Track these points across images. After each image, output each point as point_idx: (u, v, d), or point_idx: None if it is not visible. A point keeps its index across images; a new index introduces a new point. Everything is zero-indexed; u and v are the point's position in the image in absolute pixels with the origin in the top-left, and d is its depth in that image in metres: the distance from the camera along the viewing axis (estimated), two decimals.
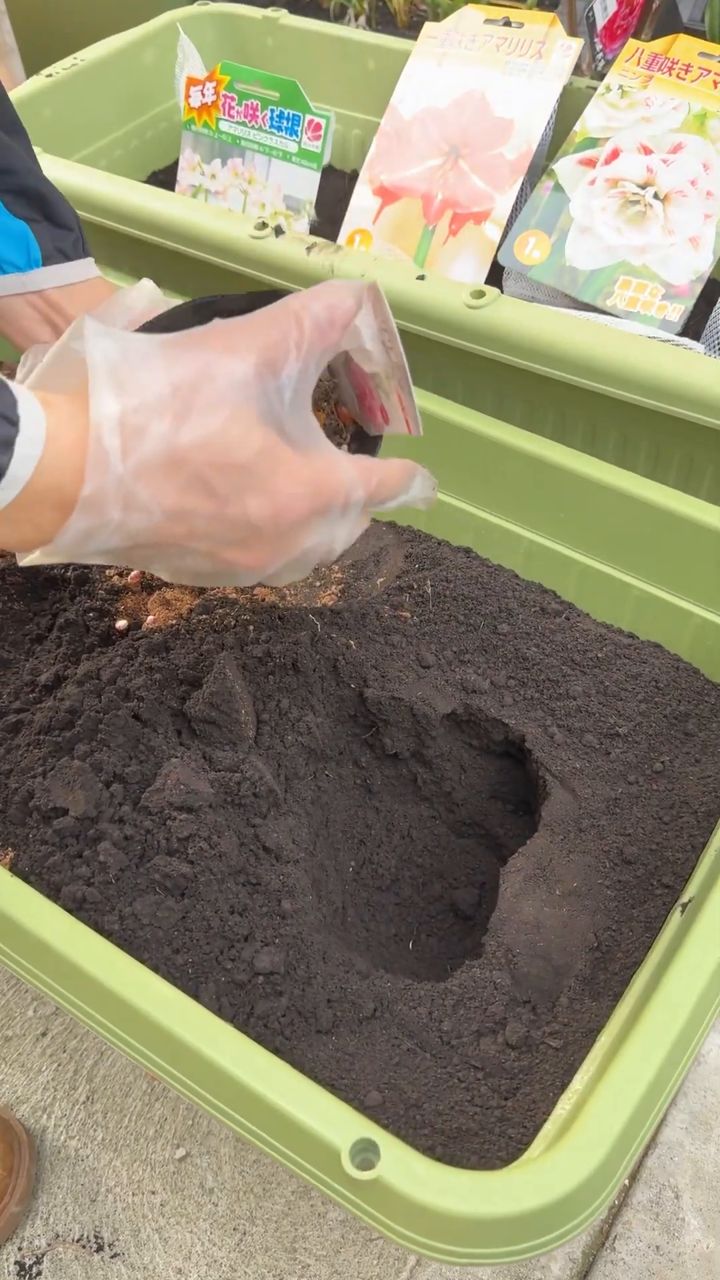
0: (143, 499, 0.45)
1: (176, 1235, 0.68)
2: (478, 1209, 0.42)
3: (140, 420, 0.44)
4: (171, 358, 0.45)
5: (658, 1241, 0.67)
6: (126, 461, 0.44)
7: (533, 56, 1.00)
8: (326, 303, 0.49)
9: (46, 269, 0.63)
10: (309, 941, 0.60)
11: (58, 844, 0.62)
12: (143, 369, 0.44)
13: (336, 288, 0.50)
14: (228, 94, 1.00)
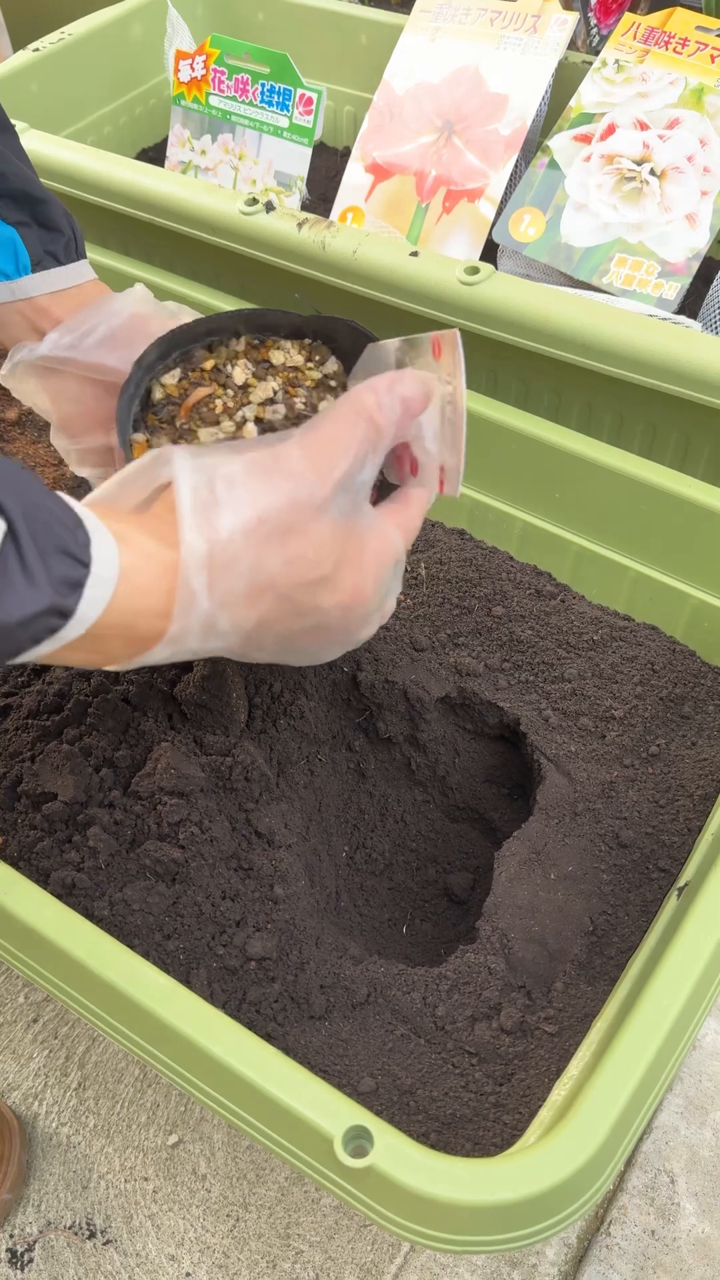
0: (224, 626, 0.46)
1: (169, 1222, 0.67)
2: (472, 1196, 0.42)
3: (228, 556, 0.45)
4: (257, 487, 0.46)
5: (653, 1226, 0.67)
6: (212, 598, 0.45)
7: (527, 31, 0.98)
8: (403, 398, 0.50)
9: (36, 275, 0.61)
10: (302, 927, 0.59)
11: (47, 829, 0.61)
12: (229, 502, 0.45)
13: (411, 380, 0.51)
14: (218, 68, 0.99)
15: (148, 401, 0.58)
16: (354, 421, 0.49)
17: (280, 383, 0.58)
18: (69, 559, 0.40)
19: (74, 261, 0.62)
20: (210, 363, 0.58)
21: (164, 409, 0.57)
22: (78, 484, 0.85)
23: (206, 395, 0.57)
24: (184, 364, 0.58)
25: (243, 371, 0.58)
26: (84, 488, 0.85)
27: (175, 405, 0.57)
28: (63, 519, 0.40)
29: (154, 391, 0.58)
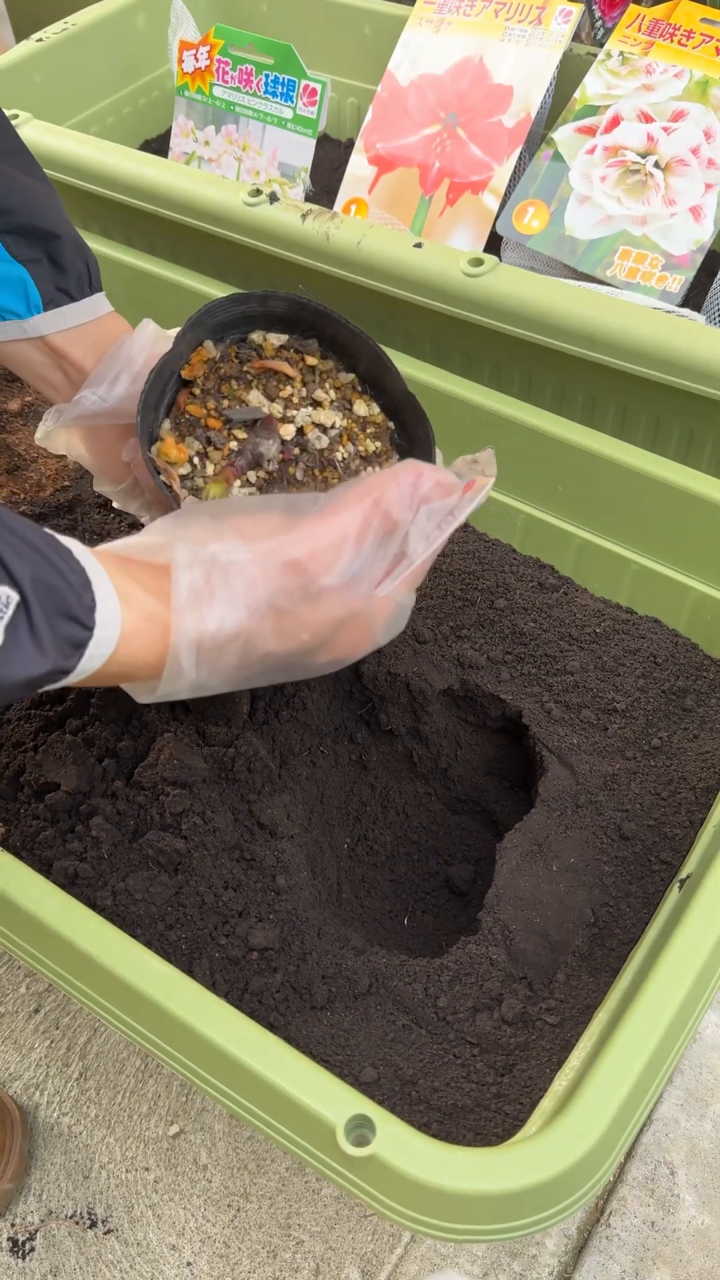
0: (213, 685, 0.50)
1: (170, 1212, 0.67)
2: (473, 1185, 0.42)
3: (217, 643, 0.48)
4: (255, 577, 0.48)
5: (653, 1218, 0.67)
6: (200, 671, 0.48)
7: (531, 22, 0.98)
8: (425, 502, 0.52)
9: (48, 314, 0.60)
10: (304, 917, 0.59)
11: (49, 819, 0.62)
12: (224, 595, 0.48)
13: (439, 488, 0.52)
14: (222, 59, 0.98)
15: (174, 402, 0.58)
16: (369, 515, 0.50)
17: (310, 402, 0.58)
18: (74, 623, 0.43)
19: (88, 296, 0.61)
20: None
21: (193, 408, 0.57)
22: (80, 474, 0.85)
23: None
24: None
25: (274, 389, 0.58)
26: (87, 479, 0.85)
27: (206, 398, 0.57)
28: (72, 581, 0.43)
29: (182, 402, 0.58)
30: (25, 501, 0.82)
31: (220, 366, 0.57)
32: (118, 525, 0.81)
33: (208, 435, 0.56)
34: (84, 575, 0.44)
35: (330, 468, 0.57)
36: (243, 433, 0.56)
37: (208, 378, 0.57)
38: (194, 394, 0.57)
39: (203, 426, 0.56)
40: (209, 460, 0.56)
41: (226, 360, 0.57)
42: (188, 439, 0.56)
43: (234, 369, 0.57)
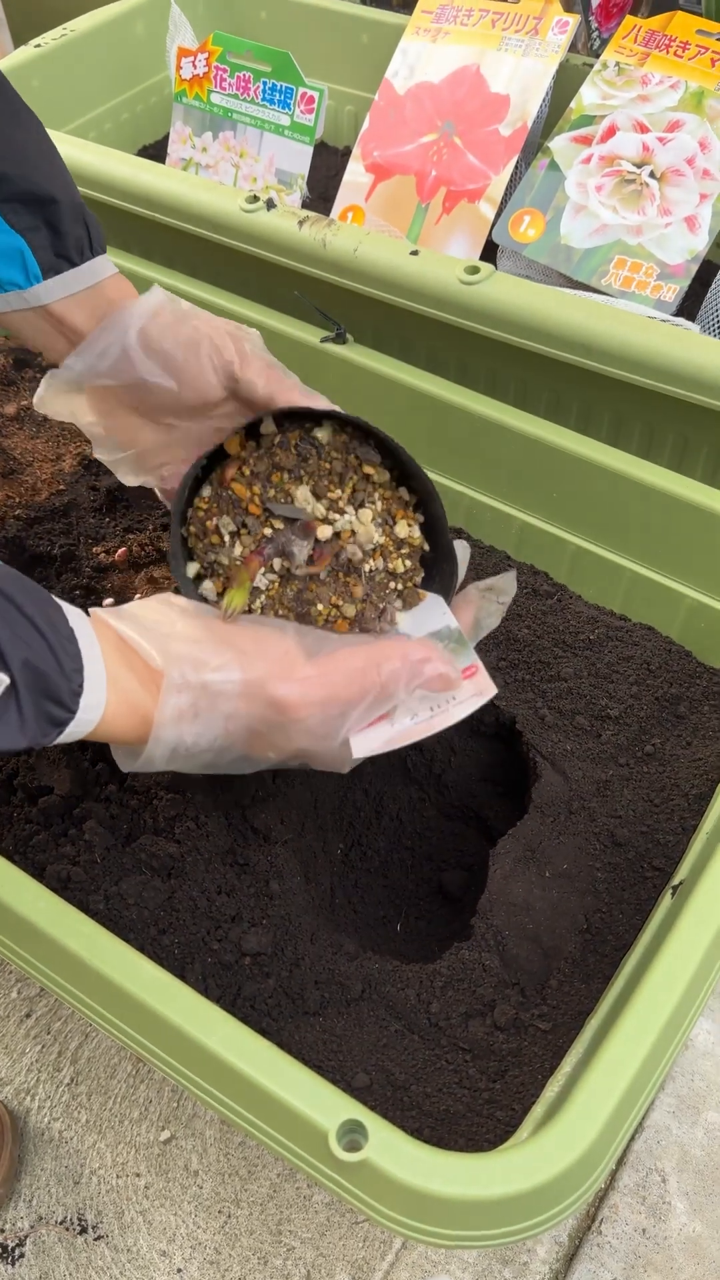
0: (186, 770, 0.53)
1: (161, 1218, 0.67)
2: (466, 1191, 0.42)
3: (193, 753, 0.50)
4: (238, 709, 0.49)
5: (644, 1225, 0.67)
6: (173, 764, 0.51)
7: (528, 33, 0.99)
8: (426, 680, 0.52)
9: (47, 283, 0.60)
10: (297, 923, 0.59)
11: (42, 823, 0.61)
12: (206, 718, 0.49)
13: (440, 670, 0.53)
14: (220, 65, 0.99)
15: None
16: (367, 685, 0.51)
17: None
18: (58, 705, 0.44)
19: (88, 261, 0.60)
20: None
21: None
22: (76, 478, 0.85)
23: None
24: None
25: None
26: (91, 472, 0.85)
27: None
28: (64, 665, 0.44)
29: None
30: (21, 505, 0.82)
31: (276, 452, 0.55)
32: (113, 530, 0.81)
33: (244, 520, 0.55)
34: (78, 658, 0.45)
35: (355, 575, 0.56)
36: (280, 523, 0.55)
37: (260, 459, 0.55)
38: (243, 472, 0.55)
39: (242, 509, 0.55)
40: (239, 541, 0.55)
41: (285, 448, 0.55)
42: (224, 516, 0.55)
43: (290, 460, 0.55)
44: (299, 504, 0.54)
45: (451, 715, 0.55)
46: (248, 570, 0.54)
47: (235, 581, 0.54)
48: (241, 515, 0.55)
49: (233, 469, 0.55)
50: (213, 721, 0.50)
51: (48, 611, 0.45)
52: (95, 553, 0.79)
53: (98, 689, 0.46)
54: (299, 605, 0.55)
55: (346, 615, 0.56)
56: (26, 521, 0.81)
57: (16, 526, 0.80)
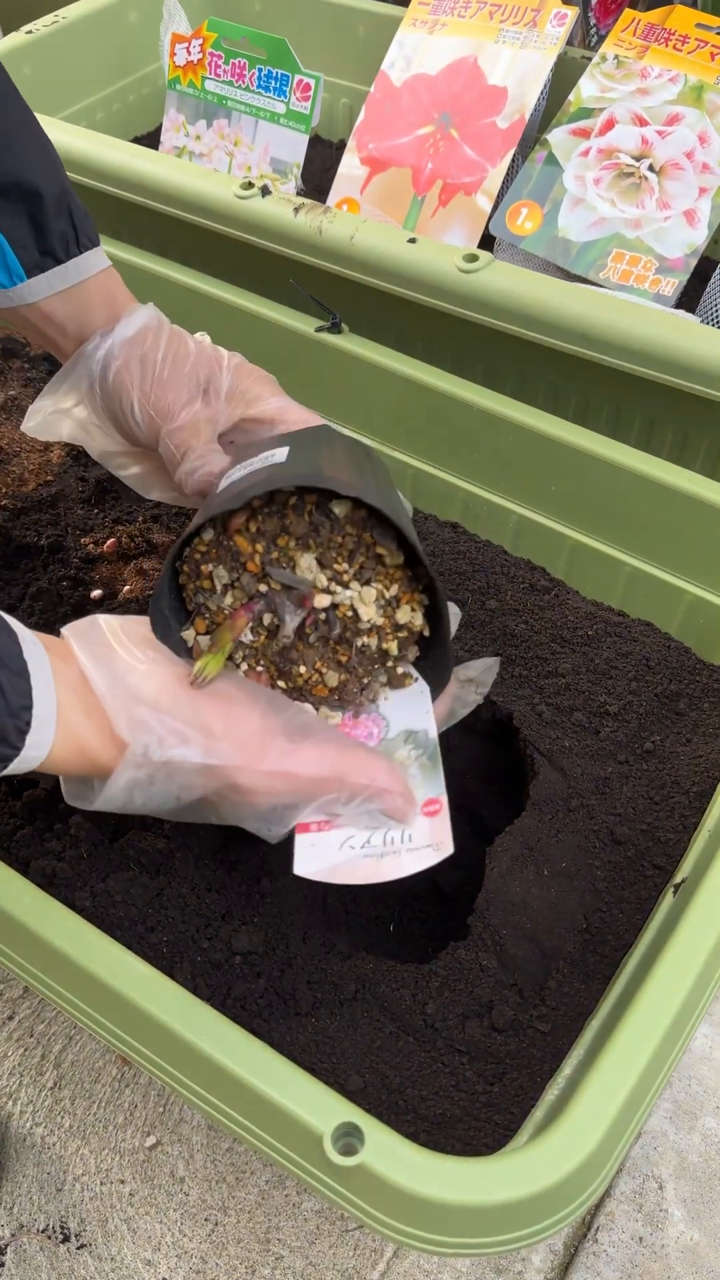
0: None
1: (146, 1226, 0.65)
2: (466, 1197, 0.40)
3: (140, 809, 0.50)
4: (194, 785, 0.49)
5: (641, 1233, 0.66)
6: (132, 805, 0.49)
7: (526, 25, 0.98)
8: (382, 793, 0.52)
9: (31, 282, 0.58)
10: (289, 921, 0.58)
11: (27, 818, 0.60)
12: (161, 789, 0.49)
13: (399, 795, 0.52)
14: (214, 52, 0.97)
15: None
16: (327, 788, 0.50)
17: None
18: (1, 742, 0.44)
19: (75, 257, 0.59)
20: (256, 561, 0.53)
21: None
22: (64, 469, 0.84)
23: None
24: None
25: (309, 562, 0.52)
26: (80, 463, 0.83)
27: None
28: (12, 703, 0.44)
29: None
30: (7, 495, 0.80)
31: (289, 515, 0.52)
32: (101, 521, 0.79)
33: (240, 575, 0.52)
34: (27, 695, 0.44)
35: (344, 645, 0.53)
36: (277, 585, 0.52)
37: (270, 518, 0.52)
38: (249, 527, 0.52)
39: (240, 564, 0.52)
40: (231, 592, 0.52)
41: (299, 512, 0.52)
42: (219, 566, 0.52)
43: (301, 527, 0.51)
44: (301, 572, 0.51)
45: (402, 865, 0.53)
46: (233, 628, 0.52)
47: (216, 643, 0.51)
48: (238, 570, 0.52)
49: (240, 519, 0.52)
50: (167, 792, 0.49)
51: (1, 644, 0.44)
52: (84, 544, 0.77)
53: (46, 727, 0.45)
54: (281, 662, 0.53)
55: (328, 684, 0.53)
56: (13, 512, 0.79)
57: (2, 517, 0.78)
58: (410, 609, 0.54)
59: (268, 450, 0.53)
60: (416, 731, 0.56)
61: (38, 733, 0.45)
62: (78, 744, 0.47)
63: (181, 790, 0.49)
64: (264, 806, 0.50)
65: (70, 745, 0.46)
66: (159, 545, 0.76)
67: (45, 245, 0.58)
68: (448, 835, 0.53)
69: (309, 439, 0.54)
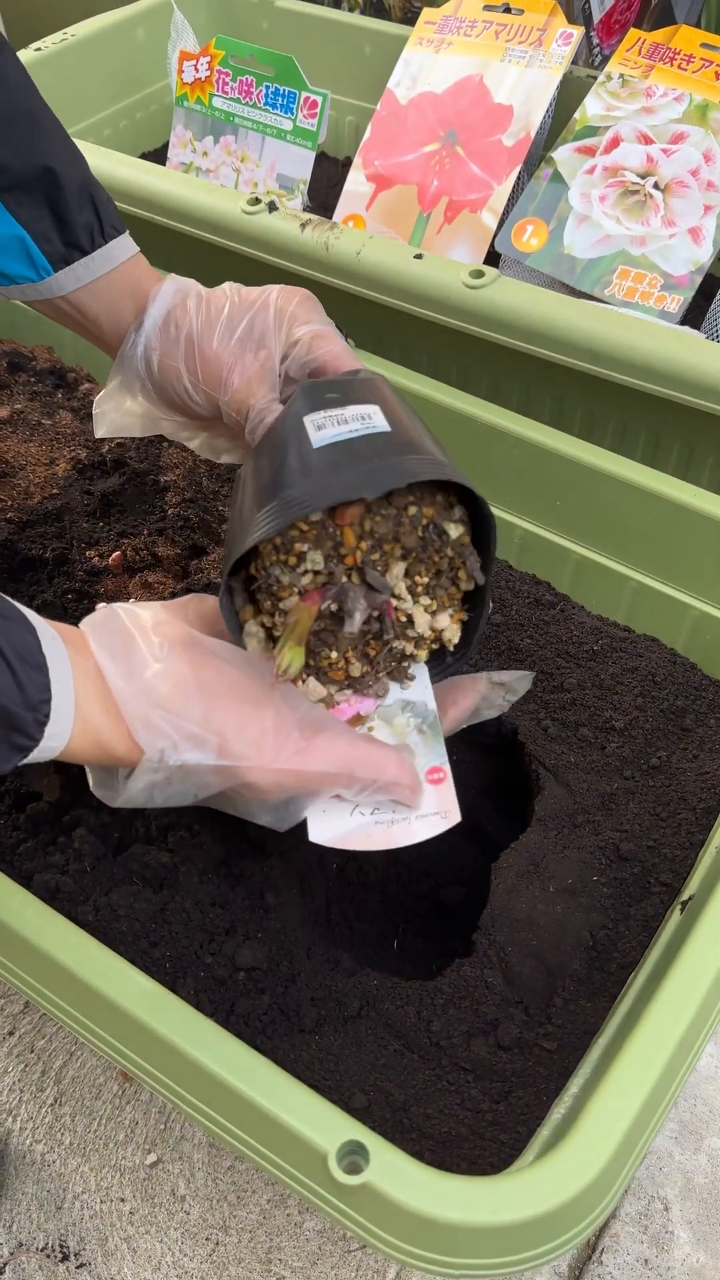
0: None
1: (146, 1245, 0.65)
2: (471, 1217, 0.40)
3: (159, 805, 0.52)
4: (209, 784, 0.50)
5: (646, 1255, 0.65)
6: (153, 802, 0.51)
7: (532, 44, 0.98)
8: (389, 784, 0.53)
9: (59, 275, 0.58)
10: (293, 937, 0.57)
11: (30, 831, 0.60)
12: (178, 789, 0.50)
13: (406, 783, 0.53)
14: (222, 69, 0.98)
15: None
16: (337, 782, 0.52)
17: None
18: (21, 735, 0.45)
19: (100, 247, 0.58)
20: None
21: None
22: (69, 482, 0.84)
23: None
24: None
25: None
26: (85, 477, 0.83)
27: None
28: (31, 698, 0.44)
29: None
30: (13, 508, 0.80)
31: (404, 523, 0.49)
32: (106, 534, 0.79)
33: (332, 566, 0.50)
34: (46, 689, 0.45)
35: (379, 642, 0.53)
36: (358, 579, 0.51)
37: (384, 521, 0.49)
38: (362, 525, 0.49)
39: (338, 555, 0.50)
40: (311, 575, 0.50)
41: (415, 525, 0.50)
42: (317, 551, 0.50)
43: (412, 540, 0.50)
44: (390, 578, 0.51)
45: (412, 832, 0.54)
46: (306, 611, 0.50)
47: (293, 633, 0.50)
48: (334, 559, 0.50)
49: (356, 511, 0.49)
50: (184, 791, 0.51)
51: (19, 638, 0.45)
52: (88, 556, 0.77)
53: (64, 719, 0.46)
54: (314, 642, 0.52)
55: (351, 672, 0.54)
56: (19, 525, 0.79)
57: (8, 530, 0.78)
58: (455, 624, 0.54)
59: (354, 406, 0.51)
60: (414, 702, 0.57)
61: (56, 724, 0.46)
62: (95, 736, 0.47)
63: (198, 789, 0.50)
64: (276, 802, 0.52)
65: (87, 737, 0.47)
66: (164, 559, 0.76)
67: (69, 237, 0.57)
68: (454, 803, 0.55)
69: (393, 402, 0.52)
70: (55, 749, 0.47)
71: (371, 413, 0.50)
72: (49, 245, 0.57)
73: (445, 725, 0.58)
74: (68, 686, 0.46)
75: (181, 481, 0.83)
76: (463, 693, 0.58)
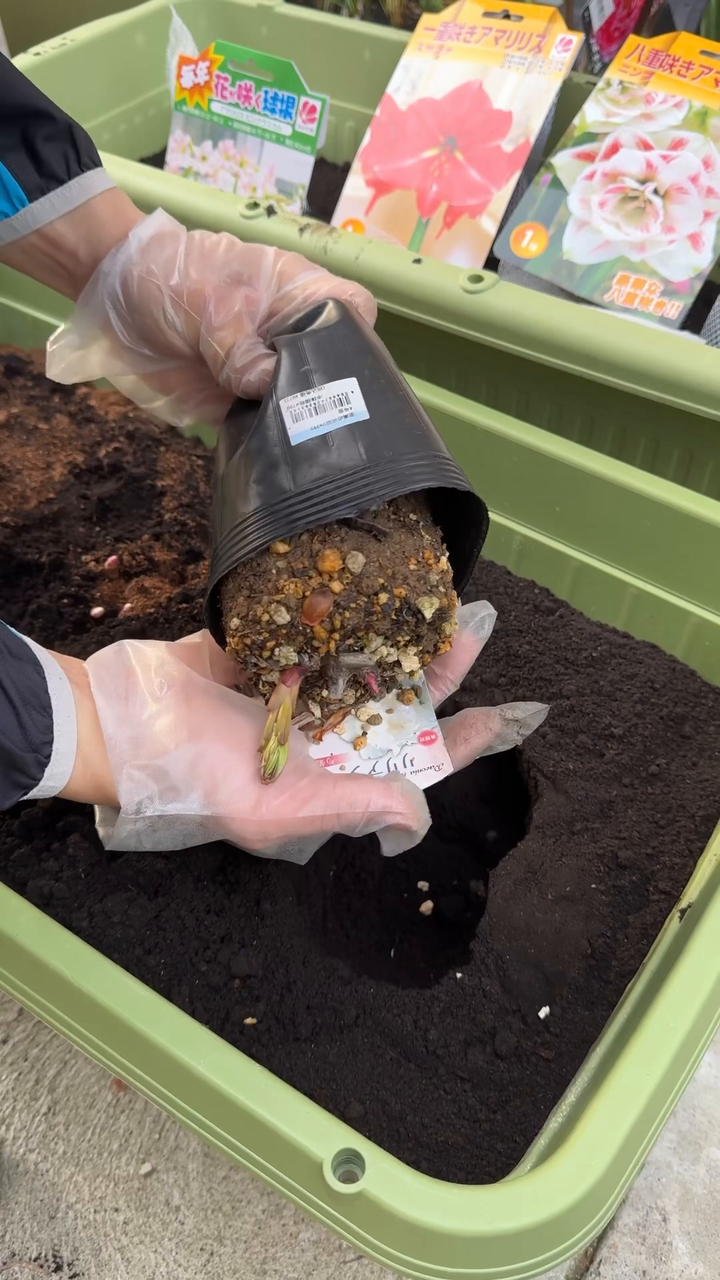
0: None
1: (140, 1255, 0.64)
2: (468, 1226, 0.39)
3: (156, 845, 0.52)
4: (193, 832, 0.51)
5: (644, 1266, 0.64)
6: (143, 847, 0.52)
7: (532, 50, 0.98)
8: (372, 815, 0.52)
9: (34, 205, 0.56)
10: (289, 945, 0.57)
11: (24, 836, 0.59)
12: (163, 836, 0.51)
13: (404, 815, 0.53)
14: (221, 74, 0.98)
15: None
16: (324, 824, 0.51)
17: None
18: (22, 774, 0.45)
19: (76, 176, 0.57)
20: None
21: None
22: (66, 486, 0.83)
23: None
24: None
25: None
26: (82, 481, 0.83)
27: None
28: (33, 739, 0.45)
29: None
30: (9, 513, 0.80)
31: (375, 610, 0.48)
32: (102, 539, 0.79)
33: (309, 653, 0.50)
34: (49, 730, 0.46)
35: (362, 689, 0.54)
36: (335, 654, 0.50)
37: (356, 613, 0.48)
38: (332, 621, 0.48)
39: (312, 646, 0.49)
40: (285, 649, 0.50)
41: (386, 613, 0.49)
42: (287, 648, 0.49)
43: (385, 625, 0.49)
44: (368, 652, 0.50)
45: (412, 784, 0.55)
46: (290, 695, 0.50)
47: (276, 731, 0.50)
48: (308, 652, 0.50)
49: (324, 608, 0.48)
50: (172, 837, 0.51)
51: (26, 678, 0.46)
52: (85, 561, 0.77)
53: (65, 760, 0.47)
54: (306, 686, 0.53)
55: (344, 700, 0.55)
56: (14, 529, 0.79)
57: (4, 534, 0.78)
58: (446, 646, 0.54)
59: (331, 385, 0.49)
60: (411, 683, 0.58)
61: (56, 765, 0.46)
62: (94, 779, 0.48)
63: (185, 837, 0.51)
64: (259, 846, 0.52)
65: (88, 779, 0.48)
66: (160, 563, 0.76)
67: (45, 168, 0.56)
68: (446, 757, 0.56)
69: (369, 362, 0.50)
70: (55, 788, 0.47)
71: (349, 393, 0.49)
72: (24, 174, 0.55)
73: (456, 760, 0.58)
74: (71, 729, 0.47)
75: (178, 486, 0.83)
76: (476, 731, 0.58)
